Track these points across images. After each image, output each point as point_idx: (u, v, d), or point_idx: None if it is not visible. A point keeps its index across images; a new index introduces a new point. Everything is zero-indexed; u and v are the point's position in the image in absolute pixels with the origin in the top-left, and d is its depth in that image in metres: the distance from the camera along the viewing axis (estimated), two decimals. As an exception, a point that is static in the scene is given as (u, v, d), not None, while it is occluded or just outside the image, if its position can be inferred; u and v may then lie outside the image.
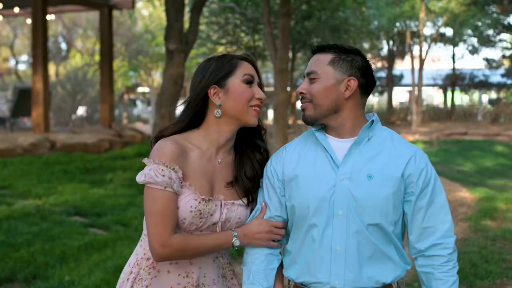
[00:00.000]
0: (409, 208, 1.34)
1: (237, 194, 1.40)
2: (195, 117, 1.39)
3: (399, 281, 1.38)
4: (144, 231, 1.41)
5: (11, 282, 3.27)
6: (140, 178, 1.33)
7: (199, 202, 1.33)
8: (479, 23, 17.28)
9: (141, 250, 1.39)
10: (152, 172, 1.30)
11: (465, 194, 6.46)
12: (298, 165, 1.37)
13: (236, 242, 1.36)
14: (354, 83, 1.33)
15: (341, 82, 1.34)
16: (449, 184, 7.19)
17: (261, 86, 1.43)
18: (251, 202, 1.42)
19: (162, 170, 1.30)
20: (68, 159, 6.94)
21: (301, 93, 1.37)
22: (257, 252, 1.40)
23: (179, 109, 1.45)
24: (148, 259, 1.37)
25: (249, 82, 1.39)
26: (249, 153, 1.44)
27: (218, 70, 1.37)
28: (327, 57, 1.35)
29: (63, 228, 4.25)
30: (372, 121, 1.37)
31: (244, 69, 1.39)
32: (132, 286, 1.36)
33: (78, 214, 4.88)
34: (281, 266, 1.43)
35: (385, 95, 22.49)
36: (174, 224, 1.30)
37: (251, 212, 1.43)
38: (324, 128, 1.39)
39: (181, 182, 1.33)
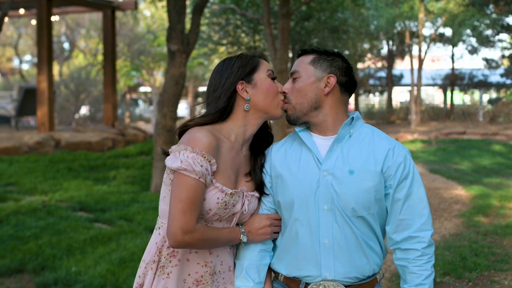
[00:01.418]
0: (388, 200, 1.38)
1: (254, 186, 1.45)
2: (224, 111, 1.42)
3: (380, 272, 1.45)
4: (161, 219, 1.42)
5: (20, 272, 3.43)
6: (174, 163, 1.32)
7: (225, 194, 1.36)
8: (478, 24, 17.37)
9: (161, 239, 1.40)
10: (191, 160, 1.31)
11: (460, 192, 6.54)
12: (284, 163, 1.42)
13: (244, 238, 1.41)
14: (333, 80, 1.40)
15: (321, 79, 1.41)
16: (446, 182, 7.29)
17: None
18: (262, 194, 1.46)
19: (201, 160, 1.31)
20: (72, 157, 7.09)
21: (284, 92, 1.44)
22: (251, 247, 1.43)
23: (198, 106, 1.51)
24: (169, 248, 1.39)
25: (273, 78, 1.46)
26: (261, 148, 1.49)
27: (244, 67, 1.43)
28: (308, 57, 1.44)
29: (69, 223, 4.41)
30: (353, 118, 1.42)
31: (266, 65, 1.46)
32: (155, 274, 1.39)
33: (83, 209, 5.04)
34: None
35: (386, 94, 22.56)
36: (199, 214, 1.33)
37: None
38: (309, 127, 1.46)
39: (212, 176, 1.35)
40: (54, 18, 10.29)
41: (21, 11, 9.83)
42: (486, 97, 22.32)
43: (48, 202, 5.07)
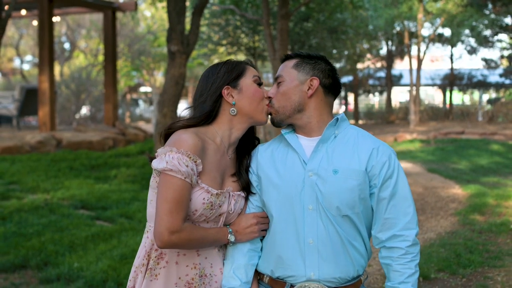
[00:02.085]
0: (373, 199, 1.39)
1: (239, 186, 1.47)
2: (209, 115, 1.44)
3: (365, 273, 1.45)
4: (149, 223, 1.44)
5: (24, 268, 3.51)
6: (160, 165, 1.33)
7: (211, 195, 1.37)
8: (476, 24, 17.44)
9: (149, 242, 1.42)
10: (176, 161, 1.32)
11: (457, 190, 6.58)
12: (270, 163, 1.44)
13: (232, 238, 1.42)
14: (316, 82, 1.42)
15: (304, 82, 1.42)
16: (443, 181, 7.34)
17: None
18: (249, 194, 1.48)
19: (186, 160, 1.33)
20: (73, 156, 7.17)
21: (269, 97, 1.46)
22: (239, 247, 1.44)
23: (184, 110, 1.53)
24: (157, 250, 1.40)
25: (259, 83, 1.48)
26: (247, 150, 1.52)
27: (230, 72, 1.45)
28: (291, 62, 1.46)
29: (71, 220, 4.49)
30: (337, 119, 1.43)
31: (252, 71, 1.48)
32: (144, 277, 1.40)
33: (84, 207, 5.12)
34: None
35: (385, 95, 22.62)
36: (186, 214, 1.34)
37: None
38: (294, 129, 1.47)
39: (197, 177, 1.37)
40: (55, 19, 10.36)
41: (23, 12, 9.91)
42: (486, 97, 22.37)
43: (50, 200, 5.15)
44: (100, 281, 3.25)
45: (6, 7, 3.83)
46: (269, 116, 1.47)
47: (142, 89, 24.34)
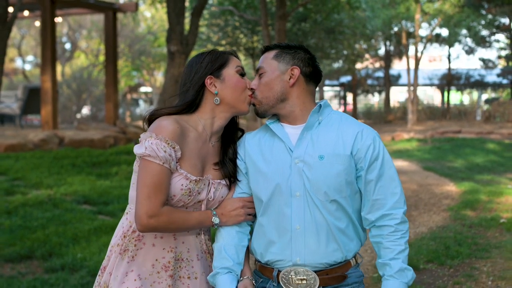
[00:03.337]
0: (361, 182, 1.41)
1: (222, 175, 1.48)
2: (192, 104, 1.46)
3: (357, 256, 1.45)
4: (130, 205, 1.46)
5: (30, 259, 3.65)
6: (139, 150, 1.37)
7: (190, 181, 1.39)
8: (474, 24, 17.57)
9: (127, 223, 1.44)
10: (154, 146, 1.35)
11: (451, 188, 6.63)
12: (257, 151, 1.46)
13: (216, 220, 1.43)
14: (296, 71, 1.43)
15: (285, 72, 1.44)
16: (438, 179, 7.44)
17: None
18: (233, 183, 1.50)
19: (164, 146, 1.35)
20: (76, 153, 7.31)
21: (251, 89, 1.48)
22: (228, 230, 1.46)
23: (170, 98, 1.64)
24: (134, 232, 1.42)
25: (242, 74, 1.49)
26: (232, 139, 1.54)
27: (213, 62, 1.46)
28: (272, 53, 1.48)
29: (74, 214, 4.63)
30: (320, 106, 1.45)
31: (236, 62, 1.49)
32: (118, 257, 1.42)
33: (86, 203, 5.26)
34: (248, 247, 1.50)
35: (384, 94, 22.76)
36: (165, 199, 1.36)
37: None
38: (279, 118, 1.48)
39: (177, 163, 1.39)
40: (57, 19, 10.51)
41: (26, 13, 10.06)
42: (485, 97, 22.47)
43: (54, 195, 5.29)
44: (102, 270, 3.40)
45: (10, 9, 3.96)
46: (253, 107, 1.50)
47: (142, 89, 24.48)
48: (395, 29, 18.28)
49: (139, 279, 1.40)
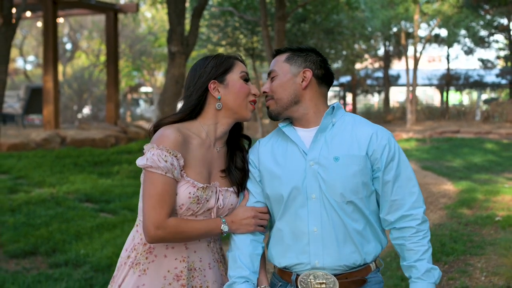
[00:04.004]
0: (378, 183, 1.40)
1: (229, 182, 1.47)
2: (194, 109, 1.46)
3: (377, 261, 1.44)
4: (139, 217, 1.45)
5: (34, 255, 3.74)
6: (141, 162, 1.37)
7: (197, 189, 1.38)
8: (473, 25, 17.65)
9: (138, 236, 1.44)
10: (155, 157, 1.34)
11: (449, 187, 6.66)
12: (271, 157, 1.46)
13: (225, 228, 1.42)
14: (309, 73, 1.44)
15: (297, 75, 1.44)
16: (436, 178, 7.50)
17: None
18: (241, 191, 1.48)
19: (165, 156, 1.35)
20: (77, 153, 7.39)
21: (264, 92, 1.48)
22: (242, 238, 1.45)
23: (179, 104, 1.58)
24: (145, 244, 1.41)
25: (246, 79, 1.48)
26: (239, 146, 1.52)
27: (217, 67, 1.46)
28: (283, 56, 1.48)
29: (76, 212, 4.72)
30: (333, 108, 1.45)
31: (240, 67, 1.49)
32: (129, 270, 1.41)
33: (88, 201, 5.34)
34: (263, 255, 1.49)
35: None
36: (171, 209, 1.35)
37: None
38: (291, 121, 1.48)
39: (182, 170, 1.38)
40: (59, 20, 10.58)
41: (28, 13, 10.14)
42: (485, 97, 22.53)
43: (56, 194, 5.37)
44: (105, 266, 3.48)
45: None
46: (267, 109, 1.50)
47: (143, 89, 24.57)
48: (394, 29, 18.37)
49: None
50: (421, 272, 1.38)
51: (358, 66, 20.14)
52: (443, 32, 20.08)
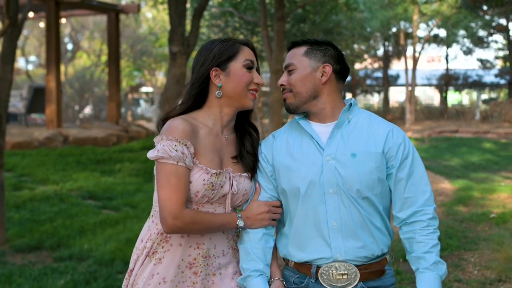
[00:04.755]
0: (391, 180, 1.42)
1: (242, 168, 1.47)
2: (198, 97, 1.44)
3: (390, 253, 1.47)
4: (155, 207, 1.45)
5: (39, 249, 3.85)
6: (152, 154, 1.37)
7: (211, 175, 1.38)
8: (472, 25, 17.74)
9: (154, 226, 1.43)
10: (166, 148, 1.35)
11: (446, 185, 6.74)
12: (286, 151, 1.45)
13: (241, 223, 1.42)
14: (329, 69, 1.43)
15: (316, 69, 1.43)
16: (434, 177, 7.53)
17: (258, 71, 1.49)
18: (253, 175, 1.48)
19: (175, 145, 1.35)
20: (80, 151, 7.51)
21: (281, 85, 1.46)
22: (254, 231, 1.45)
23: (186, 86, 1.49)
24: (161, 234, 1.41)
25: (250, 67, 1.45)
26: (247, 133, 1.52)
27: (221, 54, 1.42)
28: (301, 49, 1.46)
29: (80, 209, 4.83)
30: (350, 104, 1.45)
31: (246, 54, 1.45)
32: (145, 259, 1.42)
33: (91, 198, 5.45)
34: (275, 247, 1.50)
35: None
36: (186, 198, 1.35)
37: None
38: (307, 115, 1.47)
39: (193, 158, 1.38)
40: (62, 21, 10.68)
41: (30, 14, 10.24)
42: (484, 97, 22.60)
43: (60, 191, 5.48)
44: (108, 260, 3.59)
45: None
46: (284, 102, 1.48)
47: (143, 89, 24.68)
48: (393, 29, 18.46)
49: (164, 282, 1.40)
50: (430, 263, 1.38)
51: (357, 66, 20.24)
52: (442, 33, 20.18)
